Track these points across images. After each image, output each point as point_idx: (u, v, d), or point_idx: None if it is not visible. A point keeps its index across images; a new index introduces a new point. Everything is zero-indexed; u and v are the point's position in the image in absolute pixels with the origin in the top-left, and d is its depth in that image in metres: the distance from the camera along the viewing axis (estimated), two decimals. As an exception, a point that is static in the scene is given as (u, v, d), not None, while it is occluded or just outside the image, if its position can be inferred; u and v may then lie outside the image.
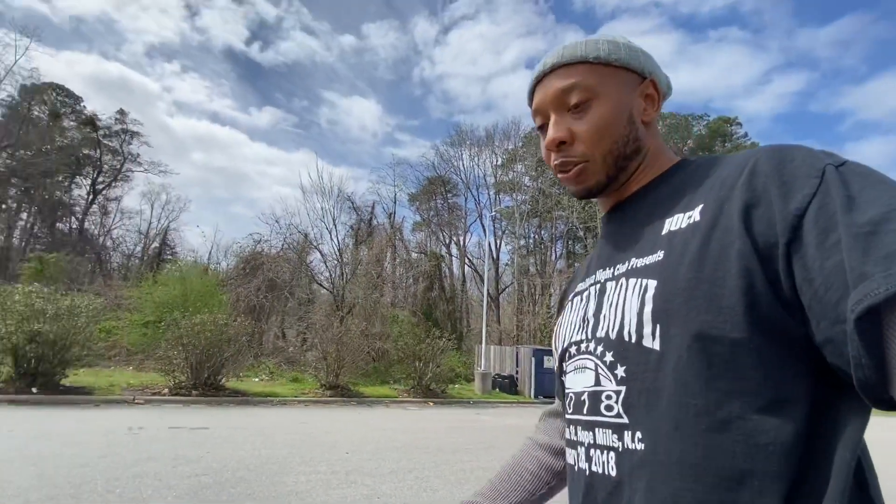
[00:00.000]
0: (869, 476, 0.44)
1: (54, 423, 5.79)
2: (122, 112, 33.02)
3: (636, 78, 0.62)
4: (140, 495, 3.42)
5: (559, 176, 0.63)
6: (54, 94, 31.23)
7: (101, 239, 29.98)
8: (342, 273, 15.72)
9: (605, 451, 0.52)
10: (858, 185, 0.41)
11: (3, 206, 30.68)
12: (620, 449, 0.50)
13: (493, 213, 28.19)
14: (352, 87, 55.58)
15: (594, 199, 0.68)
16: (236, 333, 9.03)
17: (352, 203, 21.95)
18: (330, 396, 10.00)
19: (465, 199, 31.98)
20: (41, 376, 7.24)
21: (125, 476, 3.81)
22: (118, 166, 32.39)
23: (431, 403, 11.10)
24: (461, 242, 30.48)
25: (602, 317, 0.56)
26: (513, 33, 55.49)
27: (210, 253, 22.42)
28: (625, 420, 0.50)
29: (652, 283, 0.50)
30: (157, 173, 32.37)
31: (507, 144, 32.58)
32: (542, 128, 0.65)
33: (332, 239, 17.39)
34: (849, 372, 0.37)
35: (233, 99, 53.18)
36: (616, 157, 0.60)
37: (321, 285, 16.34)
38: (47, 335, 7.10)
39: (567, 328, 0.64)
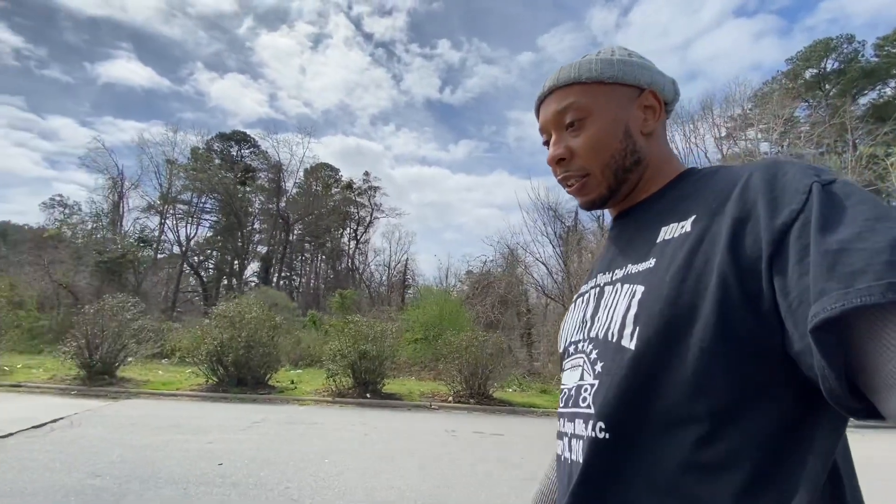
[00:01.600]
0: (846, 483, 0.45)
1: (388, 422, 7.51)
2: (366, 174, 41.85)
3: (633, 91, 0.64)
4: (494, 493, 4.05)
5: (566, 190, 0.68)
6: (324, 171, 41.95)
7: (363, 274, 38.17)
8: (569, 283, 15.74)
9: (578, 440, 0.55)
10: (839, 205, 0.41)
11: (304, 258, 42.74)
12: (586, 437, 0.53)
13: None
14: (534, 100, 56.41)
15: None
16: (495, 348, 10.00)
17: (555, 212, 21.91)
18: (587, 409, 9.98)
19: (686, 185, 27.88)
20: (370, 385, 9.55)
21: (476, 473, 4.60)
22: (367, 216, 41.01)
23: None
24: (688, 234, 26.60)
25: (596, 318, 0.59)
26: (714, -20, 46.61)
27: (446, 276, 25.65)
28: (592, 411, 0.53)
29: (640, 289, 0.52)
30: (394, 216, 39.61)
31: (731, 111, 27.09)
32: (548, 143, 0.69)
33: (554, 250, 17.72)
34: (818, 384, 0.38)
35: (435, 142, 60.64)
36: (615, 169, 0.63)
37: (550, 297, 16.71)
38: (371, 352, 9.37)
39: (568, 328, 0.68)
